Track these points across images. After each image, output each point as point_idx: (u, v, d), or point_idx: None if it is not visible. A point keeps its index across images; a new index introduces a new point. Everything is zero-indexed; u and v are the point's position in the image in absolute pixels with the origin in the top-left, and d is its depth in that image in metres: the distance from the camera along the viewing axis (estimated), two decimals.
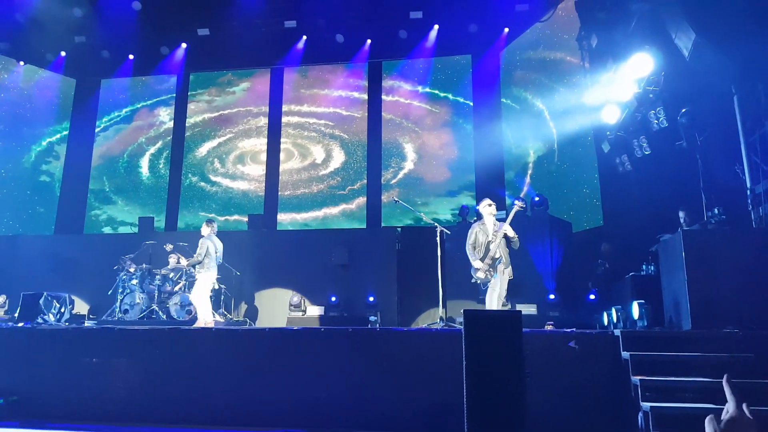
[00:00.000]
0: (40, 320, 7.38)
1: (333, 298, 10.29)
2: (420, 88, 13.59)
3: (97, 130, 14.84)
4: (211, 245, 8.28)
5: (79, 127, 14.76)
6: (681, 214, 7.65)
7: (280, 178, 13.75)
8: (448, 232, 7.56)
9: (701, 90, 7.69)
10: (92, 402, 6.36)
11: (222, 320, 8.80)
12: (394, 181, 13.23)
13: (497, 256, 6.71)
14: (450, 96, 13.43)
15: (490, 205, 7.06)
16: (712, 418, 1.47)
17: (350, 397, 6.08)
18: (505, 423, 4.39)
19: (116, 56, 14.23)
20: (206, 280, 8.23)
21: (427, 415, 5.84)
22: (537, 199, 9.65)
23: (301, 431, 5.85)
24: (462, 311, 4.69)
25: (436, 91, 13.51)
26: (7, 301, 9.84)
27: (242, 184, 13.98)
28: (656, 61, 7.93)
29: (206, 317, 8.11)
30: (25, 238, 12.36)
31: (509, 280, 6.80)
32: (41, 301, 7.55)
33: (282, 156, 13.95)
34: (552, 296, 8.84)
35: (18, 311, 7.75)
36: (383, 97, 13.72)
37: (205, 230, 8.48)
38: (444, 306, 7.50)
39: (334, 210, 13.38)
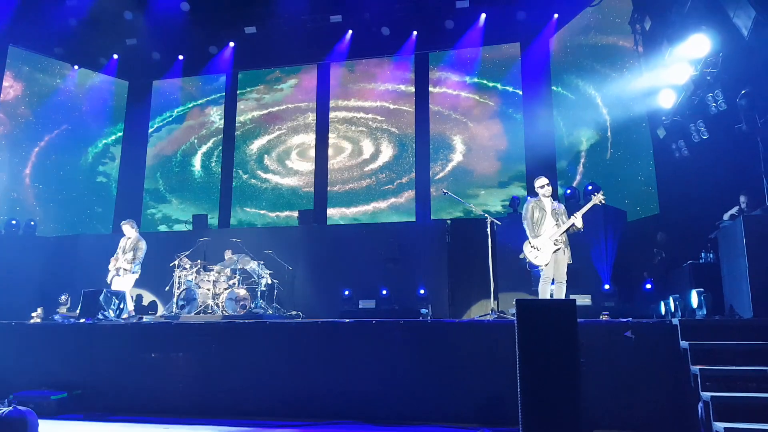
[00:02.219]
0: (100, 316, 7.65)
1: (384, 292, 10.34)
2: (468, 79, 13.45)
3: (150, 130, 15.35)
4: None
5: (132, 128, 15.28)
6: (742, 198, 7.33)
7: (329, 173, 13.90)
8: (499, 223, 7.47)
9: (761, 70, 7.31)
10: (151, 395, 6.53)
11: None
12: (443, 173, 13.17)
13: (557, 241, 6.60)
14: (499, 86, 13.24)
15: (543, 186, 6.86)
16: None
17: (402, 389, 6.10)
18: (560, 414, 4.32)
19: (166, 57, 14.64)
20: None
21: (481, 407, 5.81)
22: (590, 187, 9.40)
23: (354, 423, 5.91)
24: (515, 301, 4.64)
25: (485, 81, 13.34)
26: (69, 299, 10.26)
27: (292, 180, 14.21)
28: (713, 42, 7.59)
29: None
30: (85, 238, 12.74)
31: (568, 264, 6.68)
32: (101, 298, 7.80)
33: (330, 151, 14.09)
34: (607, 286, 8.63)
35: (79, 308, 8.04)
36: (430, 89, 13.66)
37: (134, 231, 9.03)
38: (495, 298, 7.43)
39: (383, 204, 13.44)
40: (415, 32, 13.38)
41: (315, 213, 12.95)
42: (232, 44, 14.37)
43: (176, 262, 9.83)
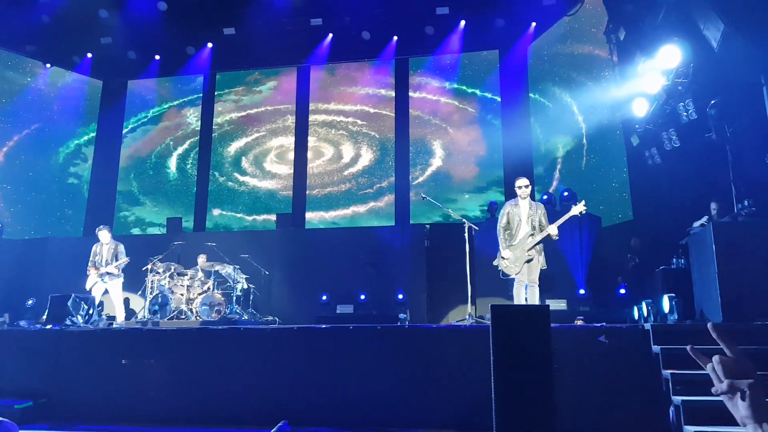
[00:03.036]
0: (68, 322, 7.46)
1: (362, 296, 10.31)
2: (447, 85, 13.53)
3: (124, 131, 15.05)
4: None
5: (106, 129, 14.94)
6: (712, 206, 7.50)
7: (308, 176, 13.83)
8: (477, 228, 7.51)
9: (730, 81, 7.53)
10: (121, 403, 6.37)
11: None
12: (422, 178, 13.21)
13: (530, 251, 6.64)
14: (478, 92, 13.35)
15: (521, 187, 6.88)
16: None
17: (380, 395, 6.07)
18: (534, 419, 4.35)
19: (142, 57, 14.40)
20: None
21: (458, 413, 5.81)
22: (566, 193, 9.55)
23: (331, 429, 5.86)
24: (489, 306, 4.66)
25: (464, 87, 13.44)
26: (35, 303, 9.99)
27: (270, 183, 14.09)
28: (684, 53, 7.78)
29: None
30: (54, 241, 12.42)
31: (542, 269, 6.72)
32: (69, 303, 7.60)
33: (310, 154, 14.02)
34: (582, 291, 8.74)
35: (46, 313, 7.83)
36: (410, 93, 13.71)
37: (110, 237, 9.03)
38: (473, 303, 7.45)
39: (362, 208, 13.42)
40: (395, 37, 13.42)
41: (293, 217, 12.85)
42: (210, 45, 14.23)
43: (149, 267, 9.65)
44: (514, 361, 4.44)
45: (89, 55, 14.38)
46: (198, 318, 9.03)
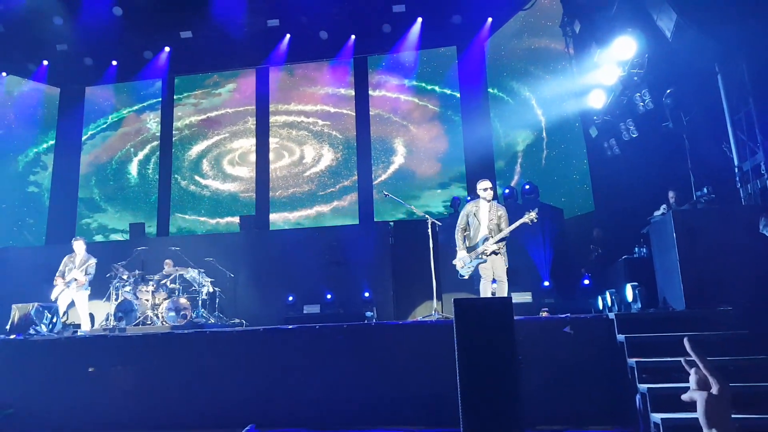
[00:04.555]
0: (32, 331, 7.30)
1: (328, 296, 10.27)
2: (407, 82, 13.57)
3: (83, 138, 14.75)
4: None
5: (65, 136, 14.63)
6: (671, 194, 7.66)
7: (270, 177, 13.71)
8: (440, 224, 7.55)
9: (685, 71, 7.71)
10: (89, 411, 6.32)
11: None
12: (385, 176, 13.21)
13: (488, 252, 6.66)
14: (437, 88, 13.42)
15: (486, 189, 6.87)
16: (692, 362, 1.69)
17: (348, 394, 6.07)
18: (500, 412, 4.38)
19: (99, 63, 14.12)
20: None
21: (425, 408, 5.84)
22: (527, 187, 9.65)
23: (301, 430, 5.83)
24: (452, 300, 4.68)
25: (423, 84, 13.49)
26: None
27: (233, 185, 13.94)
28: (639, 44, 7.94)
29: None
30: (15, 250, 12.29)
31: (506, 267, 6.76)
32: (32, 312, 7.47)
33: (272, 156, 13.91)
34: (546, 283, 8.85)
35: (9, 324, 7.67)
36: (370, 92, 13.69)
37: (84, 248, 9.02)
38: (439, 298, 7.49)
39: (325, 208, 13.36)
40: (353, 36, 13.39)
41: (257, 218, 12.73)
42: (167, 49, 13.98)
43: (113, 273, 9.46)
44: (479, 354, 4.47)
45: (45, 62, 14.07)
46: (164, 323, 8.88)
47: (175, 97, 14.69)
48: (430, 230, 7.33)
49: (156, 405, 6.28)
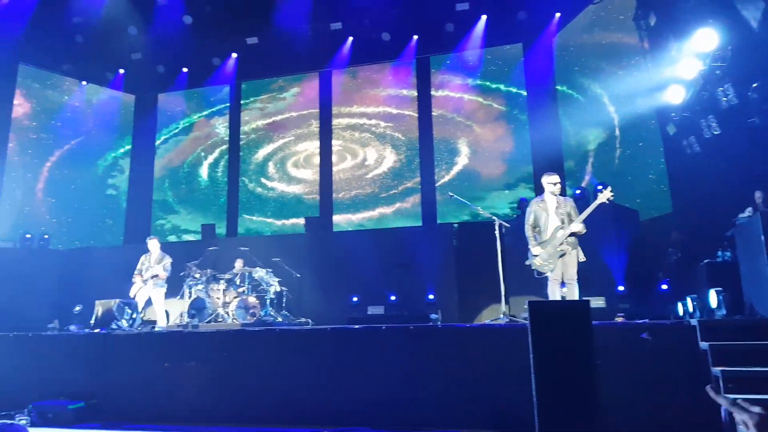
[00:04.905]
0: (114, 326, 7.67)
1: (392, 297, 10.26)
2: (470, 81, 13.39)
3: (157, 142, 15.45)
4: None
5: (140, 141, 15.42)
6: (758, 195, 7.18)
7: (333, 179, 13.88)
8: (507, 226, 7.37)
9: None
10: (164, 403, 6.51)
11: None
12: (448, 177, 13.09)
13: (562, 245, 6.47)
14: (502, 87, 13.17)
15: (554, 183, 6.67)
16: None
17: (414, 395, 6.00)
18: (576, 417, 4.21)
19: (171, 70, 14.79)
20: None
21: (493, 412, 5.69)
22: (600, 187, 9.25)
23: (365, 429, 5.82)
24: (527, 303, 4.54)
25: (488, 83, 13.27)
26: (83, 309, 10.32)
27: (297, 187, 14.20)
28: (721, 36, 7.50)
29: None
30: (97, 250, 12.98)
31: (579, 262, 6.52)
32: (114, 308, 7.85)
33: (335, 158, 14.08)
34: (621, 288, 8.49)
35: (93, 319, 8.07)
36: (433, 92, 13.62)
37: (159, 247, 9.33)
38: (507, 301, 7.31)
39: (388, 209, 13.38)
40: (415, 36, 13.36)
41: (321, 220, 12.91)
42: (234, 55, 14.44)
43: (186, 272, 9.81)
44: (555, 358, 4.31)
45: (121, 71, 14.83)
46: (235, 321, 9.11)
47: (241, 101, 15.13)
48: (497, 232, 7.16)
49: (227, 399, 6.42)
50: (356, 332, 6.58)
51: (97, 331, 7.57)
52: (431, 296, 10.12)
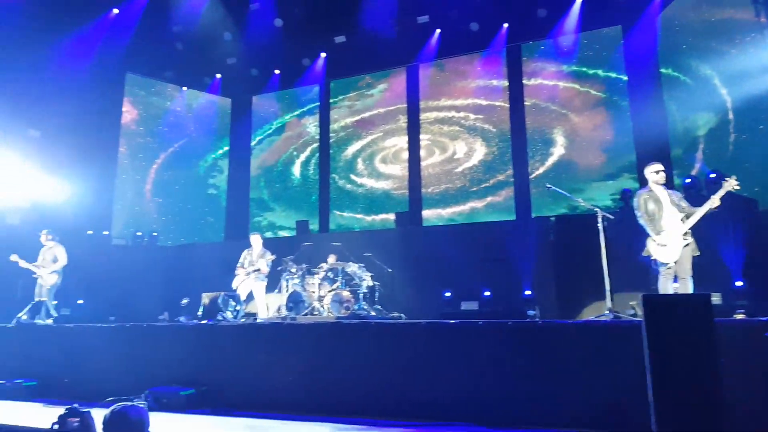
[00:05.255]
0: (219, 318, 8.04)
1: (486, 293, 10.08)
2: (565, 68, 12.85)
3: (252, 143, 16.16)
4: None
5: (237, 142, 16.21)
6: None
7: (422, 174, 13.84)
8: (612, 218, 6.99)
9: None
10: (267, 393, 6.70)
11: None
12: (543, 168, 12.67)
13: (685, 236, 6.11)
14: (600, 72, 12.54)
15: (657, 172, 6.40)
16: None
17: (514, 392, 5.84)
18: (699, 417, 3.91)
19: (264, 73, 15.36)
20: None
21: (599, 411, 5.42)
22: (713, 175, 8.63)
23: (465, 425, 5.73)
24: (641, 297, 4.26)
25: (585, 69, 12.68)
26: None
27: (386, 183, 14.30)
28: None
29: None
30: (200, 246, 13.82)
31: (694, 257, 6.15)
32: (219, 301, 8.24)
33: (423, 152, 14.03)
34: (739, 283, 7.84)
35: (200, 310, 8.51)
36: (525, 81, 13.21)
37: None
38: (611, 297, 6.95)
39: (479, 203, 13.16)
40: (505, 24, 13.01)
41: (410, 215, 12.91)
42: (323, 55, 14.76)
43: (283, 267, 10.14)
44: (674, 355, 4.03)
45: (218, 75, 15.56)
46: (330, 314, 9.31)
47: (331, 100, 15.45)
48: (600, 224, 6.81)
49: (324, 390, 6.51)
50: (451, 327, 6.50)
51: (204, 322, 7.96)
52: (527, 292, 9.83)
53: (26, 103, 12.43)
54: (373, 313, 9.73)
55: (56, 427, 2.39)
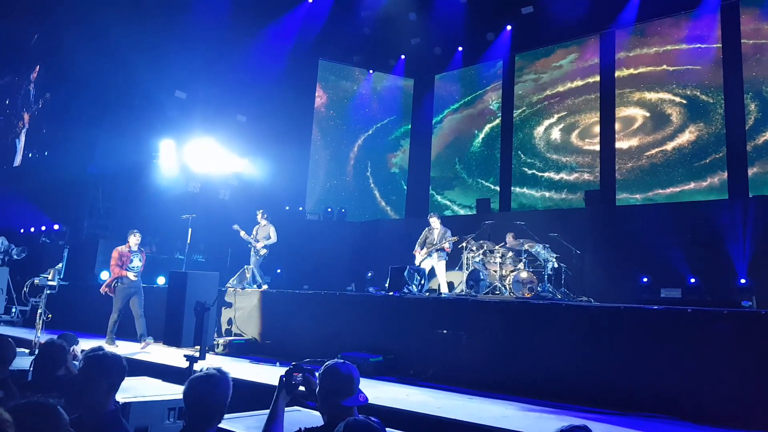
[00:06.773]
0: (405, 290, 8.32)
1: (692, 280, 9.05)
2: None
3: (434, 122, 16.30)
4: None
5: (418, 122, 16.54)
6: None
7: (617, 150, 12.77)
8: None
9: None
10: (452, 366, 6.76)
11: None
12: (761, 139, 10.91)
13: None
14: None
15: None
16: None
17: (725, 389, 5.16)
18: None
19: (446, 51, 15.39)
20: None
21: None
22: None
23: (667, 419, 5.21)
24: None
25: None
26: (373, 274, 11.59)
27: (573, 158, 13.47)
28: None
29: None
30: (384, 222, 14.59)
31: None
32: (405, 274, 8.51)
33: (618, 126, 12.91)
34: None
35: (387, 282, 8.89)
36: (744, 41, 11.40)
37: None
38: None
39: (684, 182, 11.76)
40: None
41: (602, 193, 12.03)
42: (509, 28, 14.30)
43: (464, 245, 10.12)
44: None
45: (402, 56, 15.94)
46: (512, 294, 9.11)
47: (515, 75, 14.91)
48: None
49: (507, 370, 6.38)
50: (653, 313, 5.92)
51: (391, 294, 8.29)
52: (743, 280, 8.62)
53: (236, 92, 14.04)
54: (558, 296, 9.31)
55: (284, 379, 2.89)
